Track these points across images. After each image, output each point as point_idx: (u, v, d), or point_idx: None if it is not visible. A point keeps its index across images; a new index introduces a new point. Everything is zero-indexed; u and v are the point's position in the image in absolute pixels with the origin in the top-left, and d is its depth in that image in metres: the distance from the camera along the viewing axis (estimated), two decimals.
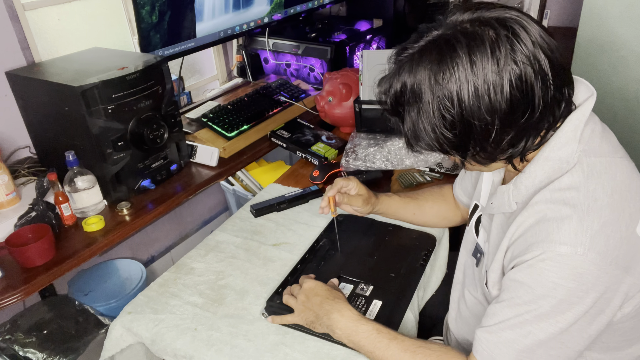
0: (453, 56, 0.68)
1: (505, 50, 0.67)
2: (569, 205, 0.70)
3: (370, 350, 0.85)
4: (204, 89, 2.13)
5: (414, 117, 0.74)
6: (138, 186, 1.38)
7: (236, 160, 1.59)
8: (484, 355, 0.76)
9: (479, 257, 0.95)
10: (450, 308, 1.07)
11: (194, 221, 2.26)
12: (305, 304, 0.93)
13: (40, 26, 1.57)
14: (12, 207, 1.29)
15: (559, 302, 0.70)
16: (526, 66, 0.67)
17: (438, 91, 0.69)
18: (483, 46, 0.67)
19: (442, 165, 1.44)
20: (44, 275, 1.12)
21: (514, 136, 0.71)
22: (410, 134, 0.76)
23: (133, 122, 1.30)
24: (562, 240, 0.69)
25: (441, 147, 0.74)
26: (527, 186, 0.77)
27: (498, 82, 0.67)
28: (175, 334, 0.97)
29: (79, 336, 1.45)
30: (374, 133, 1.56)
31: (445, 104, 0.69)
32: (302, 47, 2.05)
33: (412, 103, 0.73)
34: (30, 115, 1.40)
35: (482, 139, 0.71)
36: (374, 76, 1.50)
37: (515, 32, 0.67)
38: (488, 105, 0.68)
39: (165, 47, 1.56)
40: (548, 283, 0.70)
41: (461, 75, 0.67)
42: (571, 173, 0.73)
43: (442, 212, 1.17)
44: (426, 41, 0.72)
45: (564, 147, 0.74)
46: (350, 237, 1.18)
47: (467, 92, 0.68)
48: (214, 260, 1.17)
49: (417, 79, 0.71)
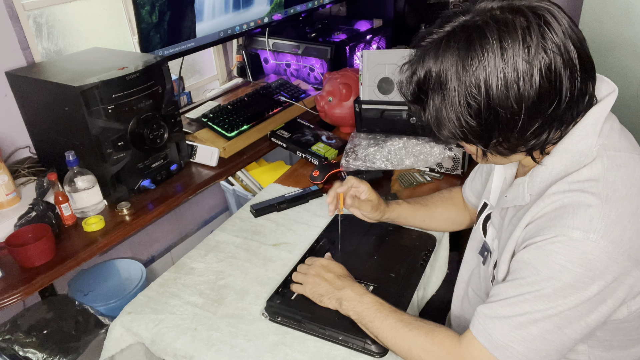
0: (483, 42, 0.67)
1: (536, 39, 0.65)
2: (587, 193, 0.70)
3: (370, 320, 0.88)
4: (204, 89, 2.13)
5: (438, 104, 0.72)
6: (138, 186, 1.38)
7: (236, 160, 1.59)
8: (479, 328, 0.77)
9: (485, 256, 0.94)
10: (452, 306, 1.07)
11: (194, 221, 2.26)
12: (318, 277, 0.97)
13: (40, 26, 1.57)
14: (12, 207, 1.29)
15: (563, 286, 0.69)
16: (556, 56, 0.66)
17: (465, 78, 0.68)
18: (515, 33, 0.66)
19: (442, 165, 1.44)
20: (44, 275, 1.12)
21: (538, 127, 0.70)
22: (433, 121, 0.75)
23: (133, 122, 1.30)
24: (575, 225, 0.68)
25: (464, 135, 0.73)
26: (543, 178, 0.76)
27: (528, 71, 0.66)
28: (175, 334, 0.97)
29: (79, 336, 1.45)
30: (374, 133, 1.56)
31: (471, 92, 0.68)
32: (302, 47, 2.05)
33: (436, 90, 0.72)
34: (30, 115, 1.40)
35: (507, 129, 0.70)
36: (374, 76, 1.50)
37: (547, 20, 0.67)
38: (516, 94, 0.67)
39: (165, 47, 1.56)
40: (555, 265, 0.69)
41: (490, 62, 0.66)
42: (590, 166, 0.72)
43: (452, 217, 1.17)
44: (453, 26, 0.70)
45: (583, 140, 0.73)
46: (350, 237, 1.18)
47: (496, 79, 0.66)
48: (214, 260, 1.17)
49: (443, 65, 0.70)
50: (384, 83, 1.50)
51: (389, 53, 1.49)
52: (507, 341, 0.73)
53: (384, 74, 1.49)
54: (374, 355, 0.89)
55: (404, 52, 1.44)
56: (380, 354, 0.89)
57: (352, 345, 0.91)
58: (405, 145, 1.47)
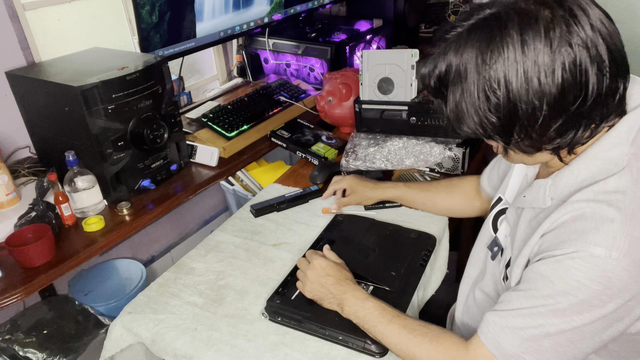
0: (504, 35, 0.65)
1: (560, 32, 0.63)
2: (613, 207, 0.67)
3: (373, 325, 0.87)
4: (204, 89, 2.13)
5: (457, 98, 0.71)
6: (138, 186, 1.38)
7: (236, 160, 1.59)
8: (488, 336, 0.75)
9: (495, 251, 0.92)
10: (457, 302, 1.06)
11: (194, 221, 2.26)
12: (317, 281, 0.96)
13: (40, 26, 1.57)
14: (12, 207, 1.28)
15: (579, 302, 0.67)
16: (582, 50, 0.64)
17: (484, 71, 0.67)
18: (537, 26, 0.64)
19: (442, 165, 1.44)
20: (44, 275, 1.12)
21: (562, 124, 0.67)
22: (452, 116, 0.73)
23: (133, 122, 1.30)
24: (597, 242, 0.66)
25: (484, 131, 0.71)
26: (568, 183, 0.74)
27: (549, 65, 0.64)
28: (175, 334, 0.97)
29: (79, 336, 1.45)
30: (374, 133, 1.56)
31: (491, 85, 0.67)
32: (302, 47, 2.05)
33: (456, 83, 0.70)
34: (30, 115, 1.40)
35: (527, 125, 0.68)
36: (374, 76, 1.50)
37: (574, 13, 0.64)
38: (537, 89, 0.65)
39: (165, 47, 1.56)
40: (572, 281, 0.67)
41: (510, 55, 0.65)
42: (619, 176, 0.69)
43: (454, 205, 1.19)
44: (476, 19, 0.69)
45: (614, 148, 0.70)
46: (350, 237, 1.18)
47: (516, 73, 0.65)
48: (214, 260, 1.17)
49: (463, 58, 0.68)
50: (384, 83, 1.50)
51: (389, 53, 1.49)
52: (518, 352, 0.72)
53: (384, 74, 1.49)
54: (374, 355, 0.89)
55: (404, 52, 1.45)
56: (380, 354, 0.89)
57: (352, 345, 0.91)
58: (405, 145, 1.47)
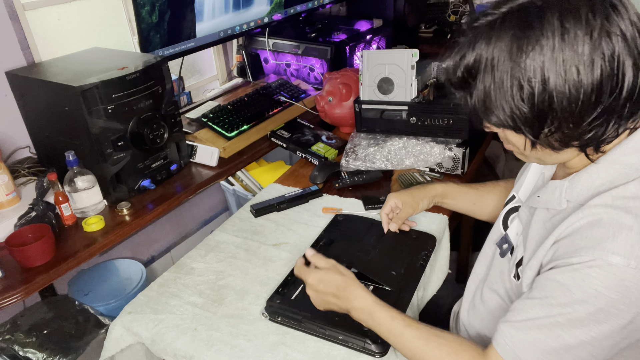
0: (543, 22, 0.63)
1: (601, 22, 0.62)
2: (631, 215, 0.66)
3: (386, 336, 0.86)
4: (204, 89, 2.13)
5: (487, 88, 0.68)
6: (138, 186, 1.38)
7: (236, 160, 1.59)
8: (506, 349, 0.73)
9: (504, 248, 0.91)
10: (463, 299, 1.05)
11: (194, 221, 2.26)
12: (319, 298, 0.92)
13: (40, 26, 1.57)
14: (12, 207, 1.29)
15: (596, 310, 0.66)
16: (621, 42, 0.63)
17: (519, 59, 0.64)
18: (578, 13, 0.62)
19: (442, 165, 1.44)
20: (44, 275, 1.12)
21: (595, 118, 0.65)
22: (480, 106, 0.71)
23: (133, 122, 1.30)
24: (615, 250, 0.65)
25: (514, 123, 0.69)
26: (585, 186, 0.72)
27: (589, 55, 0.62)
28: (175, 334, 0.97)
29: (79, 336, 1.45)
30: (373, 133, 1.56)
31: (526, 74, 0.65)
32: (302, 47, 2.05)
33: (487, 72, 0.68)
34: (30, 115, 1.40)
35: (561, 117, 0.66)
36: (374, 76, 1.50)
37: (614, 3, 0.63)
38: (575, 80, 0.63)
39: (165, 47, 1.56)
40: (590, 290, 0.66)
41: (549, 43, 0.63)
42: (639, 182, 0.68)
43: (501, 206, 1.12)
44: (510, 7, 0.67)
45: (636, 152, 0.69)
46: (350, 238, 1.18)
47: (554, 62, 0.63)
48: (214, 260, 1.17)
49: (496, 47, 0.66)
50: (383, 83, 1.50)
51: (389, 53, 1.49)
52: None
53: (383, 74, 1.49)
54: (374, 355, 0.89)
55: (404, 52, 1.45)
56: (380, 353, 0.89)
57: (352, 345, 0.91)
58: (405, 145, 1.47)
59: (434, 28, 2.67)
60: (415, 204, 1.11)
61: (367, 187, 1.42)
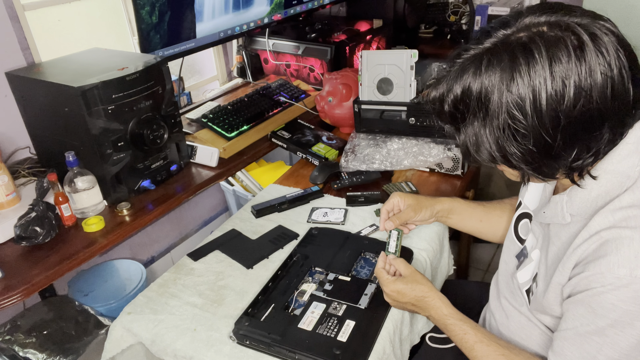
0: (529, 60, 0.63)
1: (588, 52, 0.62)
2: (628, 228, 0.67)
3: (459, 346, 0.90)
4: (204, 90, 2.13)
5: (477, 127, 0.68)
6: (138, 186, 1.38)
7: (236, 161, 1.59)
8: None
9: (521, 260, 0.91)
10: (488, 303, 1.05)
11: (194, 221, 2.26)
12: (400, 306, 0.98)
13: (40, 26, 1.57)
14: (12, 207, 1.28)
15: (615, 322, 0.68)
16: (606, 76, 0.63)
17: (509, 97, 0.64)
18: (566, 50, 0.62)
19: (442, 165, 1.44)
20: (44, 275, 1.12)
21: (579, 150, 0.66)
22: (471, 143, 0.71)
23: (133, 123, 1.30)
24: (620, 263, 0.66)
25: (505, 160, 0.69)
26: (583, 199, 0.73)
27: (585, 86, 0.62)
28: (175, 335, 0.97)
29: (79, 337, 1.45)
30: (373, 133, 1.56)
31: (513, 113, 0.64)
32: (302, 47, 2.05)
33: (476, 110, 0.68)
34: (30, 115, 1.40)
35: (552, 145, 0.65)
36: (373, 77, 1.50)
37: (597, 38, 0.63)
38: (567, 106, 0.63)
39: (165, 47, 1.56)
40: (608, 304, 0.68)
41: (539, 72, 0.63)
42: (632, 190, 0.69)
43: (508, 222, 1.09)
44: (493, 42, 0.67)
45: (624, 160, 0.69)
46: (325, 252, 1.14)
47: (545, 96, 0.63)
48: (214, 261, 1.17)
49: (484, 83, 0.66)
50: (383, 83, 1.50)
51: (388, 53, 1.49)
52: None
53: (383, 75, 1.49)
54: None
55: (403, 52, 1.45)
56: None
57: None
58: (404, 146, 1.47)
59: (433, 28, 2.67)
60: (418, 209, 1.09)
61: (365, 188, 1.42)
